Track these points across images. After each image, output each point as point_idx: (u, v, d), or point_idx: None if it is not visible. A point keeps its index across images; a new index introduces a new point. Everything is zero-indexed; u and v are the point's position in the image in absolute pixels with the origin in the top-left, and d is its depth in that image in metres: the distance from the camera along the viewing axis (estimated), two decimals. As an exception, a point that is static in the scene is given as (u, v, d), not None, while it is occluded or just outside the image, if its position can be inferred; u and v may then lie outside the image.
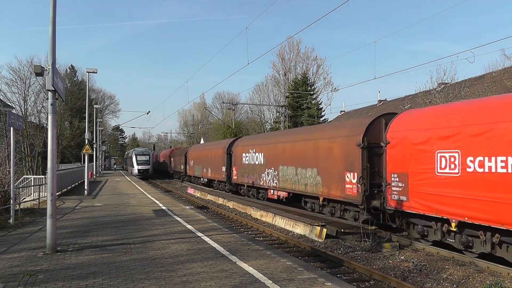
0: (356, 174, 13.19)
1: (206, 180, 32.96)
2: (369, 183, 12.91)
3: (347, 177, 13.66)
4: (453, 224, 9.99)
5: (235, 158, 25.44)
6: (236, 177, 25.22)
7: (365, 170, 12.92)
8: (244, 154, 23.60)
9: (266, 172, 20.45)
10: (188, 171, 40.02)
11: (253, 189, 23.20)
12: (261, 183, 21.14)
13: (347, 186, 13.65)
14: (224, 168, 27.32)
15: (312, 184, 15.97)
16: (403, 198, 11.60)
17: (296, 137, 18.32)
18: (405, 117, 12.39)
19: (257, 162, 21.57)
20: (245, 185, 23.75)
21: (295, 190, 17.61)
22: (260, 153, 21.25)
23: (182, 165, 43.02)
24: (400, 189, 11.71)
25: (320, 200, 15.56)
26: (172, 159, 50.44)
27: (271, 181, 19.91)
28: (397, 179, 11.85)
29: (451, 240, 10.44)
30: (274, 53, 55.86)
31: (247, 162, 23.07)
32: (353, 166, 13.34)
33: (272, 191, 20.17)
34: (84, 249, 9.19)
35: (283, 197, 19.05)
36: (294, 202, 18.49)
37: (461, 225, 9.98)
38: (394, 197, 11.97)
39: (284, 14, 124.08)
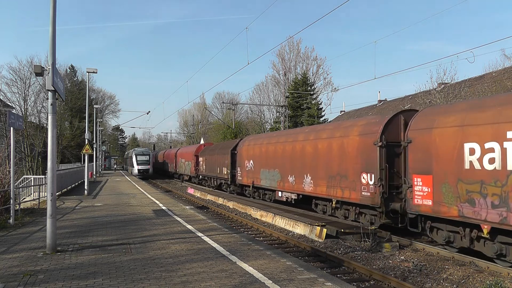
0: None
1: (293, 196, 18.25)
2: None
3: None
4: None
5: (428, 154, 10.68)
6: (434, 204, 10.40)
7: None
8: (478, 147, 9.29)
9: None
10: (239, 178, 25.20)
11: None
12: None
13: None
14: (369, 177, 12.90)
15: None
16: None
17: None
18: None
19: None
20: None
21: None
22: None
23: (225, 169, 28.16)
24: None
25: None
26: (200, 159, 36.46)
27: None
28: None
29: None
30: (274, 53, 56.15)
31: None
32: None
33: None
34: (84, 249, 9.20)
35: None
36: None
37: None
38: None
39: (284, 14, 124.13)
